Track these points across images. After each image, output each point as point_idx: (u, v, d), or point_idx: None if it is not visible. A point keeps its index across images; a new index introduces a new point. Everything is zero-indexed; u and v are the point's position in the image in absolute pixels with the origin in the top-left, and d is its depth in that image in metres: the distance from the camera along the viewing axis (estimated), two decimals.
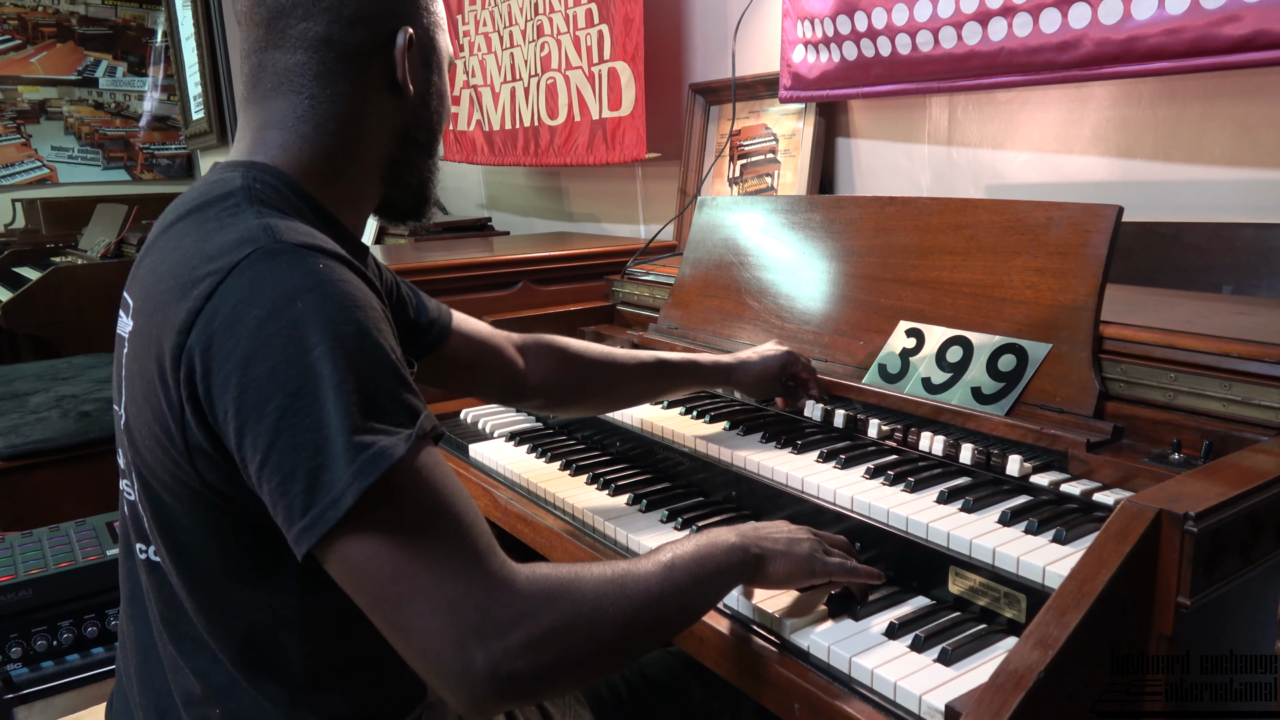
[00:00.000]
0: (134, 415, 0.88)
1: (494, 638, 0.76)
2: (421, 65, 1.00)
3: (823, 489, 1.21)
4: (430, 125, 1.04)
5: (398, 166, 1.03)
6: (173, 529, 0.89)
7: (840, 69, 1.96)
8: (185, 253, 0.86)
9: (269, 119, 0.96)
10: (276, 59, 0.94)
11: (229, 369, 0.78)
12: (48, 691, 1.80)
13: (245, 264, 0.80)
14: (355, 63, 0.95)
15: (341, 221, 0.98)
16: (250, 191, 0.90)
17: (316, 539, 0.76)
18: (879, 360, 1.43)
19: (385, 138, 1.00)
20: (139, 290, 0.91)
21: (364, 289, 0.84)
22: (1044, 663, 0.74)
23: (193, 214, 0.91)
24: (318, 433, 0.76)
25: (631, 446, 1.58)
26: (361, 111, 0.97)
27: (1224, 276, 1.49)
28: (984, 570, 1.01)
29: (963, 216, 1.41)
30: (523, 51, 3.08)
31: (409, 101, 1.00)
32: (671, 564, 0.92)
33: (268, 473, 0.77)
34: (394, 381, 0.81)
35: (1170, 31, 1.40)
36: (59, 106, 6.50)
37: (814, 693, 0.93)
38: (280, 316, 0.78)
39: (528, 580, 0.81)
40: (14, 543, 2.03)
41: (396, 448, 0.77)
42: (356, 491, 0.75)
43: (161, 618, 0.96)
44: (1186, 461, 1.08)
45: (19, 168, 6.36)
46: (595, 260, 2.38)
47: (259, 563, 0.89)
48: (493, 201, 3.95)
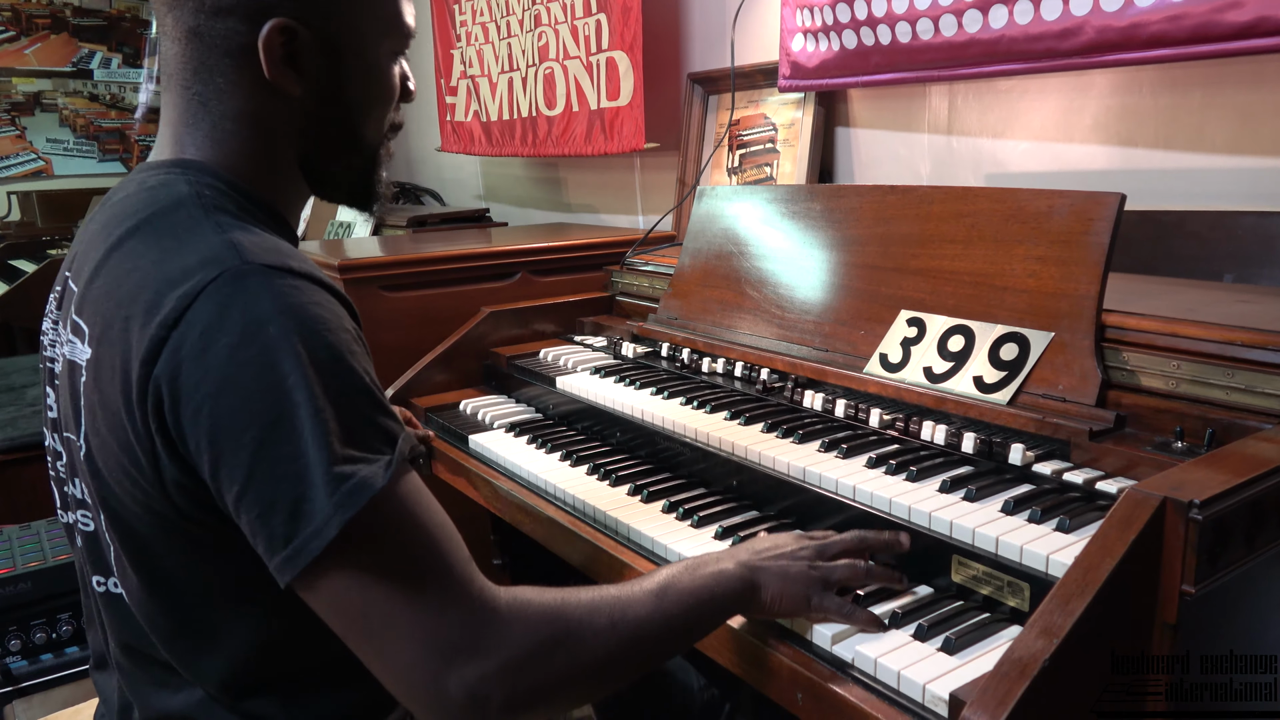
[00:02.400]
0: (97, 446, 0.85)
1: (470, 663, 0.76)
2: (323, 56, 0.90)
3: (824, 479, 1.21)
4: (346, 122, 0.95)
5: (315, 164, 0.96)
6: (148, 558, 0.86)
7: (840, 58, 1.95)
8: (144, 274, 0.82)
9: (174, 115, 0.92)
10: (166, 49, 0.90)
11: (199, 399, 0.75)
12: (46, 684, 1.80)
13: (212, 288, 0.77)
14: (229, 57, 0.87)
15: (282, 214, 0.94)
16: (202, 199, 0.85)
17: (299, 570, 0.74)
18: (880, 349, 1.42)
19: (291, 136, 0.93)
20: (95, 315, 0.85)
21: (335, 309, 0.81)
22: (1049, 651, 0.74)
23: (143, 228, 0.85)
24: (296, 463, 0.74)
25: (632, 437, 1.57)
26: (250, 109, 0.90)
27: (1225, 265, 1.49)
28: (987, 559, 1.00)
29: (964, 205, 1.40)
30: (520, 41, 3.07)
31: (303, 99, 0.91)
32: (663, 593, 0.89)
33: (246, 504, 0.76)
34: (370, 406, 0.79)
35: (1172, 18, 1.40)
36: (54, 98, 6.46)
37: (817, 681, 0.93)
38: (251, 343, 0.75)
39: (509, 605, 0.80)
40: (12, 535, 2.03)
41: (377, 478, 0.75)
42: (339, 523, 0.73)
43: (122, 648, 0.94)
44: (1189, 450, 1.08)
45: (14, 160, 6.33)
46: (594, 251, 2.37)
47: (241, 584, 0.86)
48: (490, 192, 3.94)
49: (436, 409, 1.89)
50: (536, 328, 2.15)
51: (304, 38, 0.88)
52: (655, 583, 0.90)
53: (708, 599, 0.92)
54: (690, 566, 0.94)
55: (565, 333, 2.17)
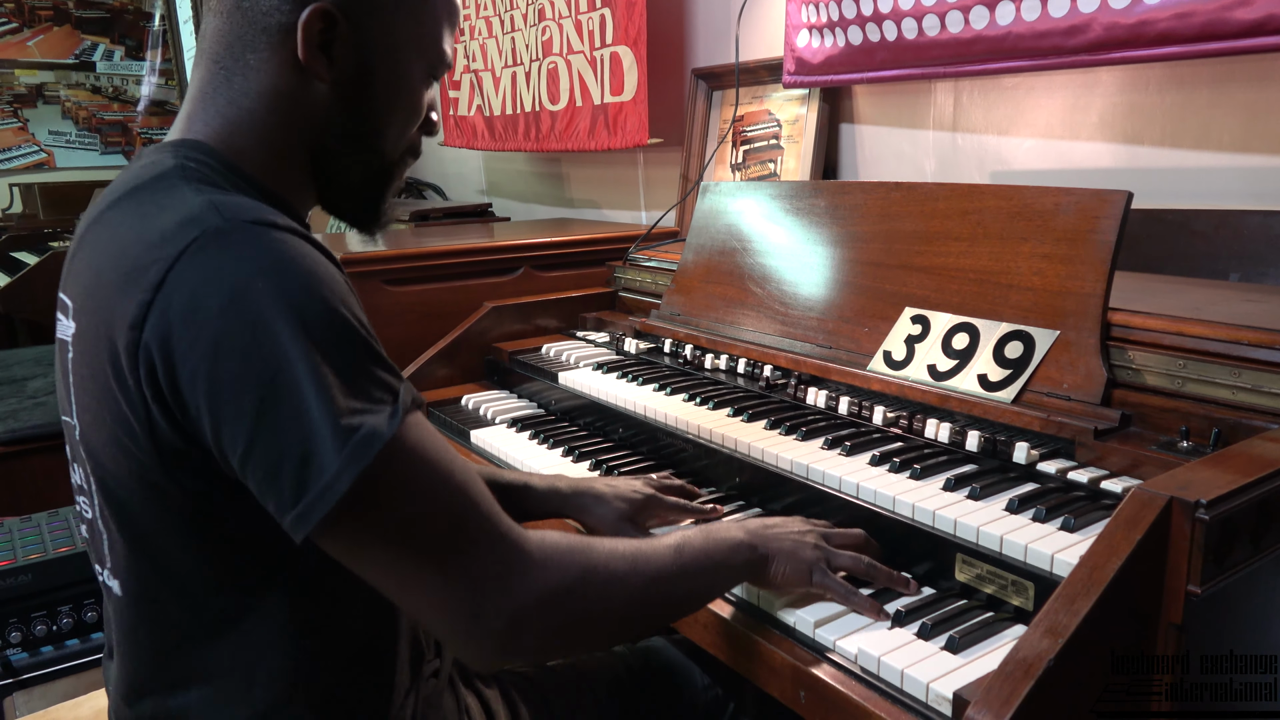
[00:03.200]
0: (88, 423, 0.83)
1: (505, 597, 0.78)
2: (356, 50, 0.89)
3: (828, 476, 1.20)
4: (366, 123, 0.93)
5: (326, 158, 0.94)
6: (147, 543, 0.85)
7: (845, 54, 1.94)
8: (124, 241, 0.80)
9: (196, 90, 0.91)
10: (208, 24, 0.89)
11: (194, 362, 0.74)
12: (47, 676, 1.80)
13: (195, 247, 0.75)
14: (267, 34, 0.87)
15: (288, 203, 0.92)
16: (184, 170, 0.84)
17: (312, 525, 0.74)
18: (884, 347, 1.42)
19: (309, 124, 0.91)
20: (76, 288, 0.84)
21: (323, 261, 0.80)
22: (1054, 651, 0.74)
23: (124, 200, 0.85)
24: (300, 419, 0.73)
25: (634, 433, 1.57)
26: (273, 90, 0.89)
27: (1231, 264, 1.48)
28: (991, 558, 1.00)
29: (969, 202, 1.40)
30: (524, 36, 3.06)
31: (328, 88, 0.90)
32: (681, 549, 0.93)
33: (252, 466, 0.75)
34: (367, 357, 0.79)
35: (1180, 15, 1.39)
36: (56, 90, 6.46)
37: (821, 679, 0.93)
38: (241, 302, 0.73)
39: (539, 543, 0.82)
40: (13, 527, 2.02)
41: (384, 427, 0.75)
42: (351, 476, 0.73)
43: (120, 641, 0.92)
44: (1195, 449, 1.07)
45: (16, 152, 6.33)
46: (597, 246, 2.37)
47: (244, 571, 0.85)
48: (493, 187, 3.93)
49: (439, 404, 1.88)
50: (539, 323, 2.15)
51: (342, 28, 0.88)
52: (673, 539, 0.94)
53: (721, 561, 0.97)
54: (704, 530, 0.99)
55: (568, 328, 2.16)
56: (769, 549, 1.00)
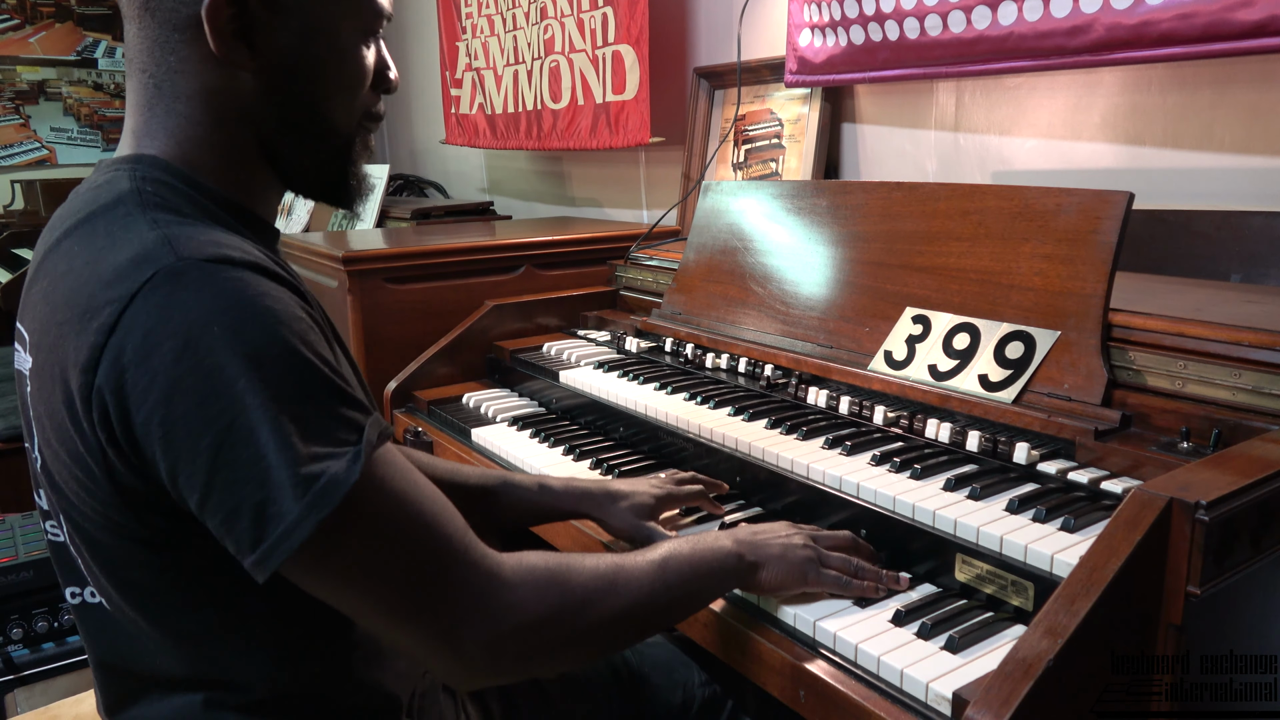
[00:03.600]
0: (50, 458, 0.82)
1: (482, 625, 0.78)
2: (275, 30, 0.84)
3: (828, 475, 1.20)
4: (305, 99, 0.89)
5: (275, 149, 0.90)
6: (115, 567, 0.83)
7: (847, 53, 1.94)
8: (78, 276, 0.78)
9: (133, 103, 0.87)
10: (127, 33, 0.86)
11: (149, 409, 0.72)
12: (49, 672, 1.80)
13: (148, 289, 0.73)
14: (179, 30, 0.83)
15: (250, 209, 0.90)
16: (141, 195, 0.81)
17: (270, 570, 0.72)
18: (885, 347, 1.42)
19: (248, 118, 0.87)
20: (33, 322, 0.82)
21: (283, 297, 0.77)
22: (1053, 651, 0.74)
23: (80, 227, 0.82)
24: (256, 466, 0.71)
25: (635, 432, 1.57)
26: (204, 89, 0.85)
27: (1233, 265, 1.48)
28: (991, 558, 1.00)
29: (971, 202, 1.40)
30: (526, 34, 3.06)
31: (255, 74, 0.85)
32: (664, 564, 0.93)
33: (209, 511, 0.73)
34: (329, 397, 0.76)
35: (1182, 16, 1.39)
36: (58, 87, 6.45)
37: (820, 678, 0.93)
38: (195, 347, 0.71)
39: (514, 569, 0.81)
40: (15, 524, 2.03)
41: (345, 474, 0.73)
42: (312, 525, 0.71)
43: (101, 661, 0.92)
44: (1195, 450, 1.07)
45: (18, 149, 6.33)
46: (598, 245, 2.37)
47: (218, 588, 0.83)
48: (494, 185, 3.93)
49: (439, 402, 1.89)
50: (540, 321, 2.15)
51: (254, 8, 0.83)
52: (657, 554, 0.94)
53: (706, 573, 0.96)
54: (691, 542, 0.98)
55: (569, 327, 2.16)
56: (758, 555, 1.00)
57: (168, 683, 0.88)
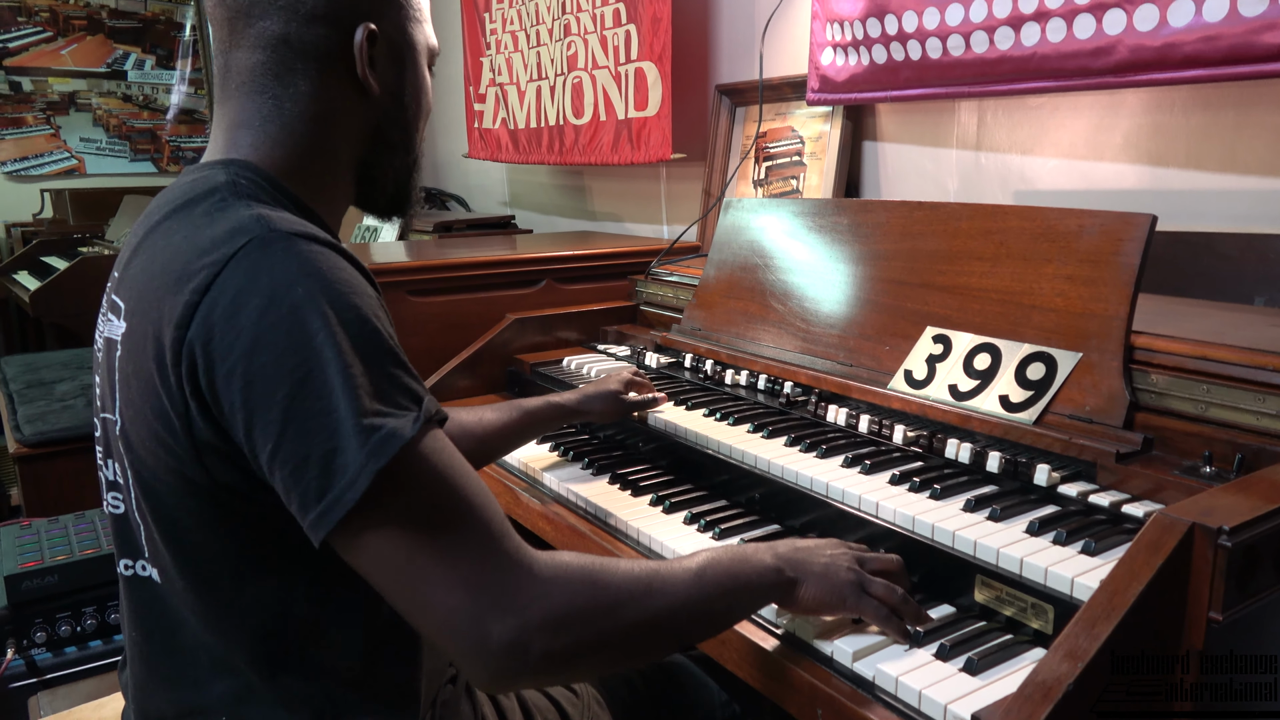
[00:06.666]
0: (130, 418, 0.87)
1: (510, 614, 0.78)
2: (391, 61, 0.98)
3: (847, 494, 1.20)
4: (404, 123, 1.02)
5: (371, 166, 1.02)
6: (178, 534, 0.88)
7: (869, 72, 1.95)
8: (176, 248, 0.85)
9: (238, 118, 0.95)
10: (239, 59, 0.94)
11: (233, 361, 0.78)
12: (71, 677, 1.82)
13: (241, 254, 0.80)
14: (316, 61, 0.94)
15: (322, 218, 0.97)
16: (236, 186, 0.89)
17: (333, 524, 0.76)
18: (905, 366, 1.42)
19: (356, 137, 0.99)
20: (129, 291, 0.89)
21: (358, 276, 0.84)
22: (1073, 675, 0.74)
23: (179, 211, 0.90)
24: (328, 417, 0.76)
25: (654, 447, 1.58)
26: (327, 111, 0.96)
27: (1256, 288, 1.47)
28: (1011, 580, 1.00)
29: (992, 222, 1.40)
30: (549, 50, 3.08)
31: (376, 100, 0.98)
32: (702, 573, 0.91)
33: (280, 461, 0.77)
34: (395, 365, 0.82)
35: (1207, 39, 1.39)
36: (88, 98, 6.55)
37: (838, 699, 0.93)
38: (280, 304, 0.78)
39: (547, 563, 0.83)
40: (40, 529, 2.05)
41: (405, 429, 0.78)
42: (371, 473, 0.75)
43: (148, 635, 0.94)
44: (1218, 475, 1.07)
45: (48, 158, 6.42)
46: (619, 260, 2.38)
47: (270, 558, 0.88)
48: (515, 199, 3.96)
49: None
50: (560, 335, 2.16)
51: (379, 41, 0.96)
52: (696, 562, 0.93)
53: (744, 586, 0.95)
54: (731, 552, 0.97)
55: (589, 341, 2.18)
56: (798, 571, 0.98)
57: (206, 663, 0.91)
